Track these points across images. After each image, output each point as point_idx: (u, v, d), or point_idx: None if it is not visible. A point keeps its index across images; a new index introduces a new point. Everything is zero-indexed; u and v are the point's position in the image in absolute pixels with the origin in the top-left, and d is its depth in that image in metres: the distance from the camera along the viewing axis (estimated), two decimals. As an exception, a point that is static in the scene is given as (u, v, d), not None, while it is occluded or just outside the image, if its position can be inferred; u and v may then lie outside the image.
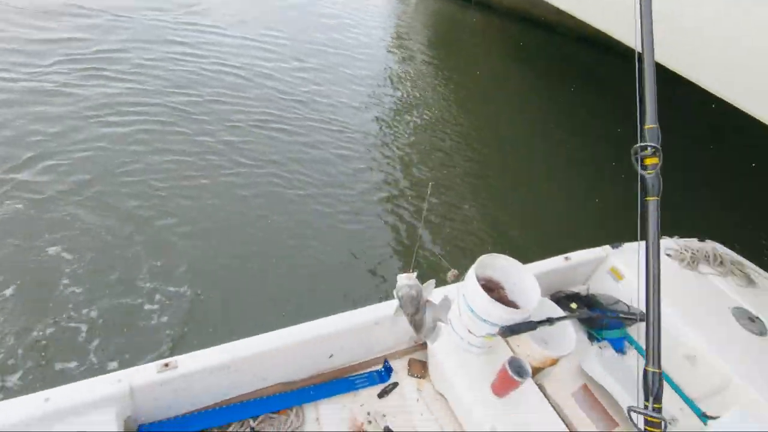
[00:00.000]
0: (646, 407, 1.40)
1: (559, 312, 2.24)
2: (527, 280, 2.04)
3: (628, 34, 4.82)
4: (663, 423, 1.34)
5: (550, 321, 1.97)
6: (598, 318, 2.56)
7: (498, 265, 2.07)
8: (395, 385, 2.09)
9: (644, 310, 2.71)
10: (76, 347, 2.88)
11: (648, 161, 1.37)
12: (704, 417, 2.37)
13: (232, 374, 1.68)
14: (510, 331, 1.74)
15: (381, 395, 2.03)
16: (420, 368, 2.20)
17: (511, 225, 4.89)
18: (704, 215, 5.39)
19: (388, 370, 2.10)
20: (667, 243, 3.19)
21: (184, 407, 1.66)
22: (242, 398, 1.79)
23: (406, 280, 1.46)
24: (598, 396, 1.95)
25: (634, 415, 1.43)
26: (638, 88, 1.41)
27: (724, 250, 3.23)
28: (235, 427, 1.70)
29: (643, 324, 2.59)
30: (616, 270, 2.81)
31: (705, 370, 2.44)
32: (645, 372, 1.43)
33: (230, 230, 3.84)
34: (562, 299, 2.75)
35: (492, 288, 2.06)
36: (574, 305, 2.61)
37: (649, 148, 1.35)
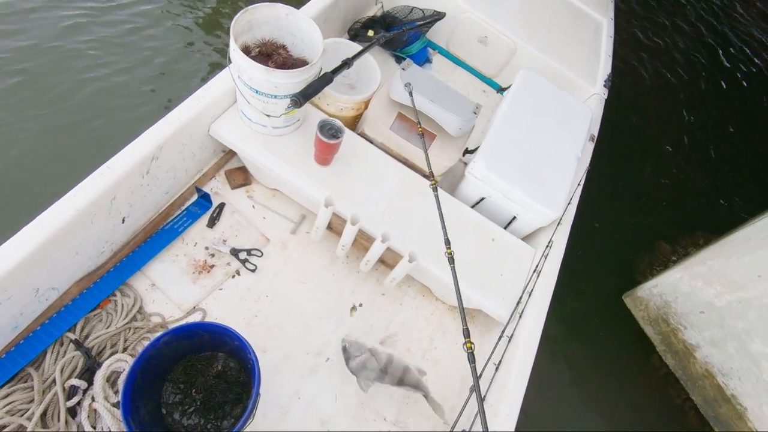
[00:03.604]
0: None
1: (356, 48, 1.96)
2: (304, 25, 1.63)
3: None
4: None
5: (347, 64, 1.70)
6: (398, 36, 2.36)
7: (263, 19, 1.58)
8: (222, 205, 1.84)
9: (437, 9, 2.56)
10: None
11: None
12: (501, 90, 2.64)
13: None
14: (303, 97, 1.44)
15: (211, 224, 1.79)
16: (241, 175, 1.93)
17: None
18: None
19: (206, 196, 1.79)
20: None
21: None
22: (41, 321, 1.42)
23: None
24: (413, 117, 1.94)
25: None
26: None
27: None
28: (54, 351, 1.40)
29: (442, 20, 2.50)
30: (402, -28, 2.47)
31: (495, 46, 2.56)
32: None
33: None
34: (359, 30, 2.44)
35: (270, 52, 1.63)
36: (371, 32, 2.33)
37: None
